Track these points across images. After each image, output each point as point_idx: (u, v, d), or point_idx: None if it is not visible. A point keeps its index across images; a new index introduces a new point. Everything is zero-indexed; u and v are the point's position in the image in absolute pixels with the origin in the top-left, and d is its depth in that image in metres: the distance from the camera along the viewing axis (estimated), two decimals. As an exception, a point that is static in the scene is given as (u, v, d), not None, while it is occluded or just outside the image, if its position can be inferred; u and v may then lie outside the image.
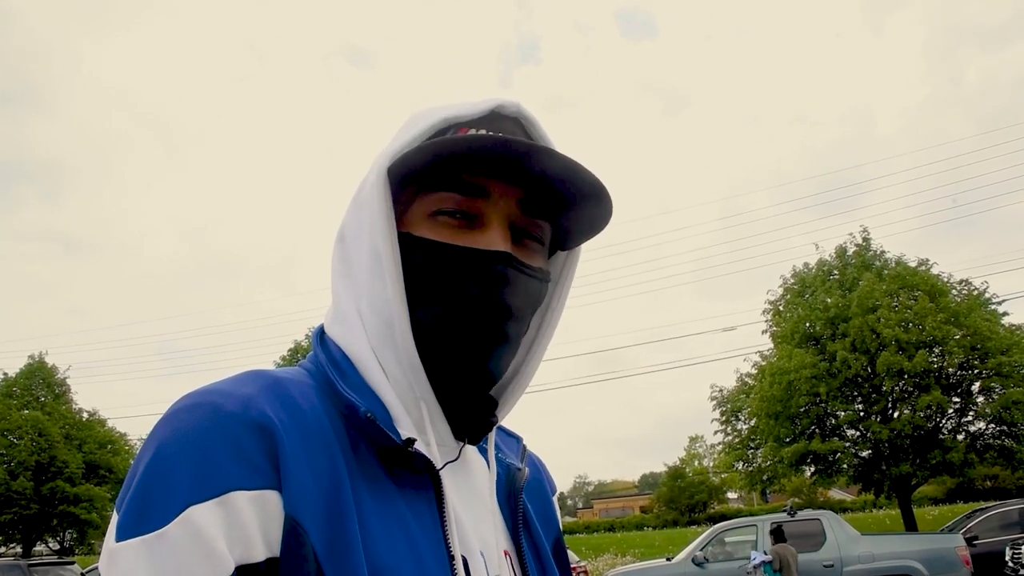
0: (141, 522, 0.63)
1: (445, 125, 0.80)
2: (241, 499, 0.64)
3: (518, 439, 0.99)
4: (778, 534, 11.93)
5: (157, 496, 0.64)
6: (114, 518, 0.66)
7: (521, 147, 0.75)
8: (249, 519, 0.64)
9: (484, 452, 0.90)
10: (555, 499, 1.03)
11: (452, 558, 0.74)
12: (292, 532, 0.65)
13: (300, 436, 0.69)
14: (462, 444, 0.84)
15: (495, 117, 0.83)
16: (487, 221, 0.78)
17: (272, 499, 0.65)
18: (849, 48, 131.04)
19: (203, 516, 0.62)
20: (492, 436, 0.89)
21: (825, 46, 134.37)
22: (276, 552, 0.65)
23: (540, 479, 1.02)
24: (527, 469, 0.92)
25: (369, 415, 0.73)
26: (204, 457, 0.65)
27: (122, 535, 0.63)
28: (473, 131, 0.80)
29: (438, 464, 0.76)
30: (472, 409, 0.82)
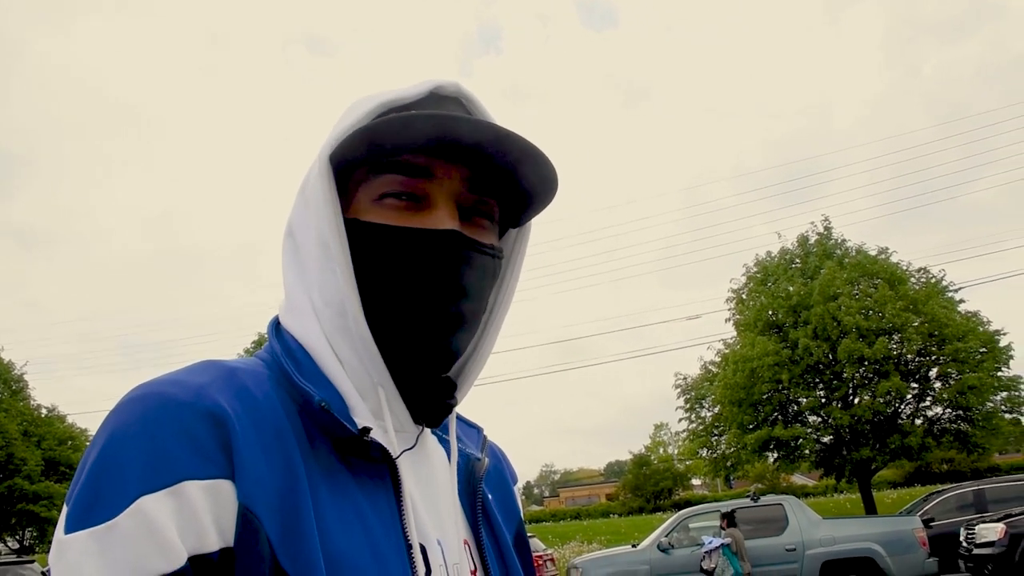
0: (91, 513, 0.62)
1: (384, 110, 0.79)
2: (193, 489, 0.63)
3: (479, 429, 0.98)
4: (730, 518, 12.22)
5: (107, 487, 0.63)
6: (63, 511, 0.65)
7: (458, 122, 0.74)
8: (202, 509, 0.63)
9: (443, 442, 0.89)
10: (517, 489, 1.03)
11: (410, 547, 0.73)
12: (246, 522, 0.64)
13: (254, 426, 0.68)
14: (421, 429, 0.83)
15: (435, 98, 0.82)
16: (433, 201, 0.78)
17: (225, 489, 0.64)
18: (809, 40, 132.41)
19: (154, 506, 0.61)
20: (453, 419, 0.88)
21: (785, 38, 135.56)
22: (230, 542, 0.64)
23: (501, 469, 1.01)
24: (487, 459, 0.91)
25: (324, 405, 0.72)
26: (155, 447, 0.63)
27: (71, 527, 0.62)
28: (436, 112, 0.78)
29: (395, 453, 0.75)
30: (431, 392, 0.81)
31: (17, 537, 33.49)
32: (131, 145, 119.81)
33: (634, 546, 13.89)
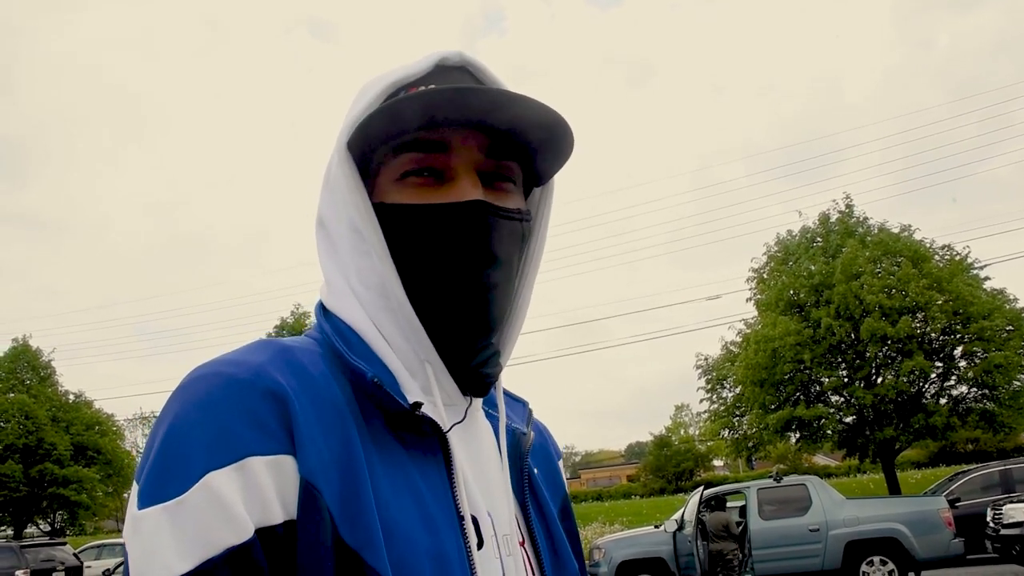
0: (161, 489, 0.65)
1: (394, 89, 0.81)
2: (258, 464, 0.66)
3: (524, 403, 1.00)
4: (719, 502, 12.96)
5: (176, 464, 0.66)
6: (134, 488, 0.68)
7: (443, 94, 0.76)
8: (266, 483, 0.66)
9: (490, 417, 0.91)
10: (560, 463, 1.05)
11: (462, 518, 0.75)
12: (308, 495, 0.67)
13: (311, 402, 0.71)
14: (469, 402, 0.85)
15: (441, 70, 0.83)
16: (454, 173, 0.79)
17: (287, 464, 0.67)
18: (818, 14, 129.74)
19: (222, 481, 0.64)
20: (500, 390, 0.90)
21: (793, 12, 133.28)
22: (293, 515, 0.67)
23: (545, 444, 1.03)
24: (532, 433, 0.93)
25: (376, 380, 0.74)
26: (220, 425, 0.66)
27: (144, 503, 0.65)
28: (423, 88, 0.80)
29: (445, 427, 0.77)
30: (475, 361, 0.83)
31: (48, 520, 34.11)
32: (138, 132, 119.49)
33: (657, 526, 13.93)
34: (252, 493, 0.65)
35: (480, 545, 0.77)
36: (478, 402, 0.88)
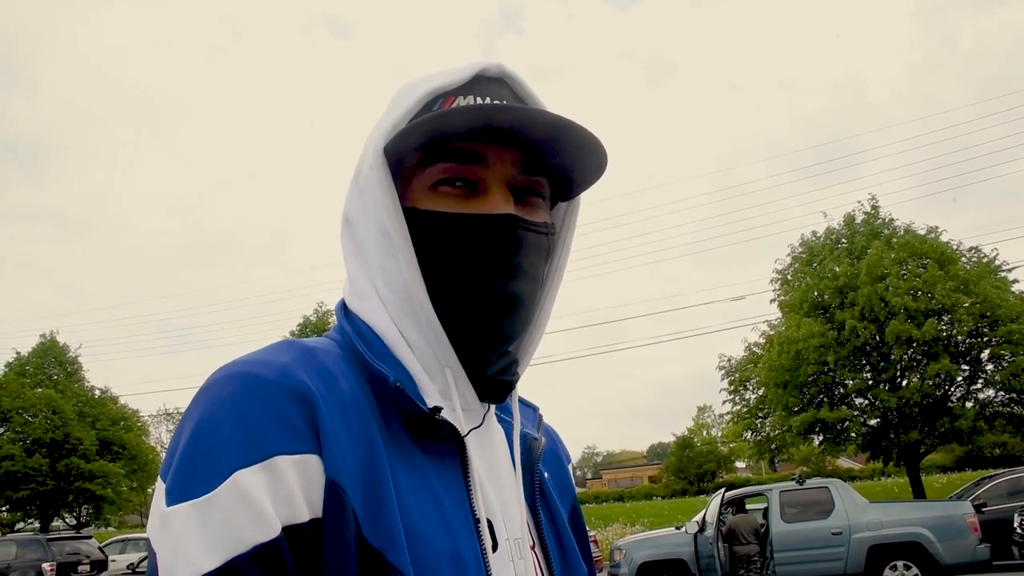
0: (190, 487, 0.66)
1: (432, 96, 0.82)
2: (285, 463, 0.67)
3: (534, 409, 1.01)
4: (740, 506, 12.93)
5: (204, 462, 0.66)
6: (160, 485, 0.69)
7: (498, 111, 0.77)
8: (292, 482, 0.67)
9: (502, 422, 0.92)
10: (570, 468, 1.06)
11: (478, 521, 0.76)
12: (333, 494, 0.68)
13: (336, 403, 0.72)
14: (487, 407, 0.86)
15: (479, 81, 0.84)
16: (488, 186, 0.80)
17: (313, 463, 0.68)
18: (839, 11, 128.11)
19: (249, 480, 0.65)
20: (515, 397, 0.91)
21: (813, 11, 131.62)
22: (319, 513, 0.68)
23: (555, 449, 1.04)
24: (543, 439, 0.94)
25: (398, 384, 0.75)
26: (248, 424, 0.67)
27: (172, 500, 0.66)
28: (461, 99, 0.82)
29: (463, 431, 0.78)
30: (495, 369, 0.83)
31: (74, 514, 34.55)
32: (159, 132, 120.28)
33: (678, 528, 13.88)
34: (279, 491, 0.66)
35: (495, 548, 0.78)
36: (493, 408, 0.89)
